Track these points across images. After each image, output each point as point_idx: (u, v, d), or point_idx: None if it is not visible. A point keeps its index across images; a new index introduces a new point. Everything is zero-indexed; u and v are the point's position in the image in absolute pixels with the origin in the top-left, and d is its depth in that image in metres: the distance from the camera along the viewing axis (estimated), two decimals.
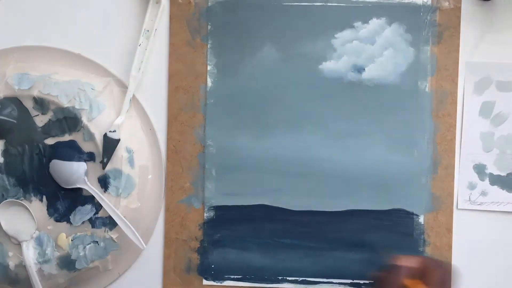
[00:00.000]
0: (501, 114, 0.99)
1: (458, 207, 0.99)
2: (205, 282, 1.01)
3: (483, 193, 0.99)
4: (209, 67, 1.00)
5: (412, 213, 0.99)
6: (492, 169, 0.99)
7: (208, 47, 1.00)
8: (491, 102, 0.99)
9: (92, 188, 0.95)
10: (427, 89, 0.99)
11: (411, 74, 0.99)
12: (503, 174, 1.00)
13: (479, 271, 1.00)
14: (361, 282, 1.00)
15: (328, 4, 0.99)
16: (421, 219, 0.99)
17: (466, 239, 1.00)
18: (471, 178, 1.00)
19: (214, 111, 1.00)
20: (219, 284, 1.01)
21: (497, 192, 1.00)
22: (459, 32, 0.99)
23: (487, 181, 1.00)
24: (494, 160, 0.99)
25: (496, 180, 0.99)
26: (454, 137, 0.99)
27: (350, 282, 1.00)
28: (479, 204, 0.99)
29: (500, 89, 0.99)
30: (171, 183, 1.01)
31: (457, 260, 0.99)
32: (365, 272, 0.99)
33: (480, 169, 0.99)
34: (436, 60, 0.99)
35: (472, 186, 1.00)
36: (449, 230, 0.99)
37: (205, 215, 1.01)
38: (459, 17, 0.98)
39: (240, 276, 1.01)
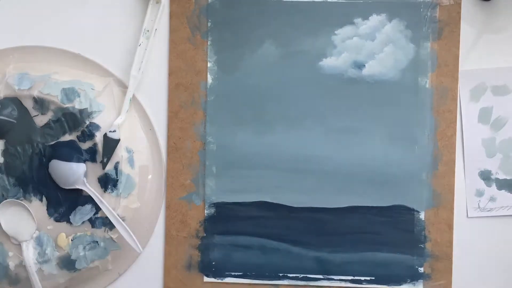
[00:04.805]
0: (500, 118, 0.99)
1: (469, 216, 1.00)
2: (206, 279, 1.02)
3: (492, 199, 1.00)
4: (209, 64, 1.00)
5: (413, 209, 0.99)
6: (497, 174, 1.00)
7: (208, 44, 1.00)
8: (489, 107, 0.99)
9: (90, 189, 0.95)
10: (427, 85, 0.98)
11: (411, 70, 0.99)
12: (509, 177, 1.00)
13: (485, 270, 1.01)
14: (362, 278, 1.00)
15: (328, 0, 0.99)
16: (422, 215, 0.99)
17: (475, 244, 1.01)
18: (478, 185, 1.00)
19: (215, 108, 1.00)
20: (220, 281, 1.01)
21: (505, 197, 1.00)
22: (459, 28, 0.98)
23: (494, 186, 1.00)
24: (499, 164, 1.00)
25: (503, 185, 1.00)
26: (455, 133, 0.99)
27: (351, 279, 1.00)
28: (488, 211, 1.00)
29: (495, 93, 0.99)
30: (172, 180, 1.01)
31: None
32: (366, 268, 1.00)
33: (486, 175, 1.00)
34: (437, 56, 0.98)
35: (480, 193, 1.00)
36: (450, 226, 0.99)
37: (205, 212, 1.01)
38: (459, 13, 0.98)
39: (241, 273, 1.01)
